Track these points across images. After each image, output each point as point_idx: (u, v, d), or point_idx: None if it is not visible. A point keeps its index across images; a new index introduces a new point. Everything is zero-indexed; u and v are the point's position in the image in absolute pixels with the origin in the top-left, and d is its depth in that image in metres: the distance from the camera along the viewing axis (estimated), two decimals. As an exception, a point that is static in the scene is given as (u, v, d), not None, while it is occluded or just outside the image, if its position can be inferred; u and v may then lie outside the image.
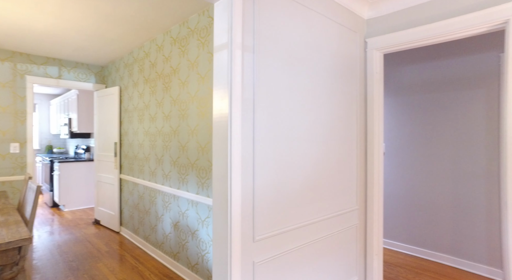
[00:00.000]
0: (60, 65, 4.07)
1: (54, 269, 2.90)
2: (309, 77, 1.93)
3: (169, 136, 3.02)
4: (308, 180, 1.93)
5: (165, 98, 3.08)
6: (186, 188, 2.79)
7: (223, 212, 1.56)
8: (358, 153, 2.34)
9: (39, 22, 2.82)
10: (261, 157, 1.66)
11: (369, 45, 2.33)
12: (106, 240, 3.72)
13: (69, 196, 5.14)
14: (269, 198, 1.71)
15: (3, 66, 3.65)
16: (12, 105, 3.71)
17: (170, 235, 3.01)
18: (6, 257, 1.65)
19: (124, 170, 3.91)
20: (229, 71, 1.53)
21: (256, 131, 1.64)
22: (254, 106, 1.64)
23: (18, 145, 3.73)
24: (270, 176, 1.71)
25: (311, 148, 1.94)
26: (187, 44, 2.76)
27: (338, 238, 2.16)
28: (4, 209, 2.29)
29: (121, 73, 3.98)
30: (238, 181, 1.56)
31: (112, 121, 4.03)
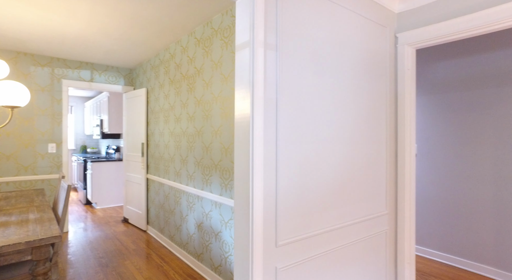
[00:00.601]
0: (92, 68, 4.24)
1: (86, 265, 3.01)
2: (335, 75, 1.84)
3: (193, 137, 3.04)
4: (333, 183, 1.84)
5: (190, 99, 3.10)
6: (209, 189, 2.78)
7: (244, 216, 1.52)
8: (388, 155, 2.20)
9: (72, 28, 2.94)
10: (284, 159, 1.60)
11: (400, 40, 2.19)
12: (134, 238, 3.82)
13: (100, 194, 5.36)
14: (292, 201, 1.64)
15: (43, 71, 3.87)
16: (50, 108, 3.91)
17: (194, 235, 3.02)
18: (40, 253, 1.71)
19: (151, 170, 4.00)
20: (251, 70, 1.48)
21: (279, 132, 1.58)
22: (277, 106, 1.58)
23: (55, 145, 3.93)
24: (293, 178, 1.65)
25: (336, 149, 1.85)
26: (211, 45, 2.76)
27: (366, 244, 2.04)
28: (40, 206, 2.40)
29: (148, 75, 4.08)
30: (260, 184, 1.51)
31: (139, 122, 4.14)
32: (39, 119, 3.84)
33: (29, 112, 3.78)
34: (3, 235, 1.72)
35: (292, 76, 1.64)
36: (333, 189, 1.84)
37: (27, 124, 3.77)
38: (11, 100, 2.22)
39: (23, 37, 3.20)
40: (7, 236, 1.71)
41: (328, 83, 1.81)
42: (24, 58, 3.75)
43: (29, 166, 3.78)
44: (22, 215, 2.14)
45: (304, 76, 1.70)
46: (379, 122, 2.14)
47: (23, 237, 1.69)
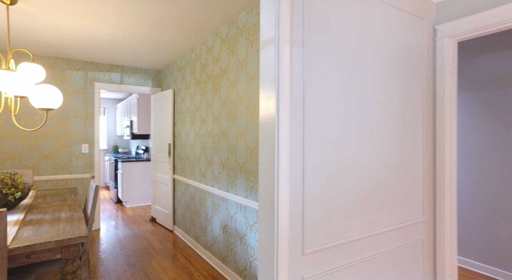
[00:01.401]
0: (122, 71, 4.37)
1: (115, 263, 3.08)
2: (366, 72, 1.72)
3: (218, 138, 3.02)
4: (364, 187, 1.71)
5: (215, 100, 3.08)
6: (234, 191, 2.74)
7: (269, 221, 1.44)
8: (425, 157, 2.03)
9: (101, 32, 3.02)
10: (311, 161, 1.51)
11: (439, 32, 2.01)
12: (160, 237, 3.87)
13: (130, 193, 5.52)
14: (320, 207, 1.54)
15: (77, 75, 4.04)
16: (83, 110, 4.08)
17: (219, 237, 2.99)
18: (68, 252, 1.75)
19: (177, 171, 4.04)
20: (276, 68, 1.41)
21: (306, 133, 1.49)
22: (304, 105, 1.50)
23: (87, 146, 4.09)
24: (321, 182, 1.55)
25: (368, 151, 1.72)
26: (236, 44, 2.71)
27: (400, 254, 1.89)
28: (72, 205, 2.48)
29: (175, 77, 4.13)
30: (286, 187, 1.43)
31: (166, 123, 4.20)
32: (73, 121, 4.01)
33: (65, 114, 3.96)
34: (37, 233, 1.77)
35: (320, 74, 1.54)
36: (363, 193, 1.71)
37: (63, 125, 3.95)
38: (46, 103, 2.30)
39: (59, 43, 3.35)
40: (40, 234, 1.76)
41: (358, 80, 1.69)
42: (61, 63, 3.94)
43: (65, 165, 3.95)
44: (55, 214, 2.21)
45: (333, 73, 1.59)
46: (415, 122, 1.98)
47: (53, 236, 1.73)
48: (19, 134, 3.70)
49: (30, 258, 1.67)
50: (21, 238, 1.70)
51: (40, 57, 3.82)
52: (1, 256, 1.51)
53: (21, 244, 1.61)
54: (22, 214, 2.21)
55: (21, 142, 3.71)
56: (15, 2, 2.41)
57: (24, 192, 2.34)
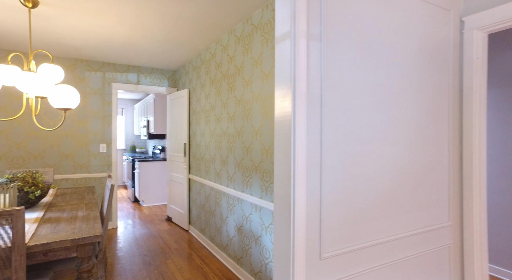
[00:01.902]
0: (139, 71, 4.42)
1: (131, 261, 3.10)
2: (387, 68, 1.63)
3: (233, 138, 2.98)
4: (385, 189, 1.62)
5: (230, 99, 3.05)
6: (249, 191, 2.69)
7: (285, 223, 1.39)
8: (451, 157, 1.91)
9: (119, 33, 3.06)
10: (329, 162, 1.44)
11: (467, 24, 1.89)
12: (176, 237, 3.88)
13: (147, 192, 5.59)
14: (338, 209, 1.47)
15: (95, 76, 4.12)
16: (101, 110, 4.15)
17: (234, 238, 2.96)
18: (84, 251, 1.75)
19: (193, 170, 4.04)
20: (292, 63, 1.35)
21: (323, 132, 1.42)
22: (321, 103, 1.43)
23: (105, 145, 4.16)
24: (339, 183, 1.48)
25: (389, 151, 1.63)
26: (251, 42, 2.67)
27: (424, 260, 1.78)
28: (89, 204, 2.51)
29: (190, 76, 4.13)
30: (302, 189, 1.37)
31: (182, 123, 4.22)
32: (92, 121, 4.09)
33: (84, 114, 4.04)
34: (54, 231, 1.79)
35: (338, 70, 1.47)
36: (385, 195, 1.62)
37: (82, 125, 4.03)
38: (65, 103, 2.34)
39: (79, 45, 3.42)
40: (57, 232, 1.78)
41: (379, 76, 1.60)
42: (80, 64, 4.02)
43: (84, 164, 4.04)
44: (72, 212, 2.24)
45: (352, 69, 1.52)
46: (440, 121, 1.87)
47: (69, 234, 1.74)
48: (42, 135, 3.81)
49: (47, 255, 1.69)
50: (39, 235, 1.72)
51: (61, 59, 3.92)
52: (19, 253, 1.53)
53: (38, 242, 1.63)
54: (42, 211, 2.24)
55: (44, 141, 3.82)
56: (36, 5, 2.46)
57: (44, 190, 2.38)
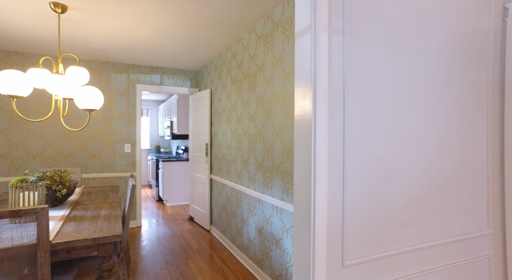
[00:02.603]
0: (162, 72, 4.50)
1: (153, 260, 3.14)
2: (418, 62, 1.51)
3: (254, 138, 2.94)
4: (415, 192, 1.50)
5: (251, 98, 3.01)
6: (270, 193, 2.63)
7: (305, 228, 1.31)
8: (490, 159, 1.75)
9: (142, 34, 3.11)
10: (352, 162, 1.35)
11: (511, 12, 1.72)
12: (198, 237, 3.90)
13: (170, 192, 5.68)
14: (362, 213, 1.38)
15: (121, 77, 4.23)
16: (126, 111, 4.26)
17: (255, 240, 2.91)
18: (104, 250, 1.77)
19: (214, 171, 4.04)
20: (312, 59, 1.28)
21: (347, 131, 1.34)
22: (344, 100, 1.34)
23: (130, 145, 4.27)
24: (364, 186, 1.38)
25: (419, 152, 1.51)
26: (272, 40, 2.61)
27: (459, 272, 1.64)
28: (112, 203, 2.56)
29: (212, 76, 4.14)
30: (323, 191, 1.29)
31: (204, 123, 4.23)
32: (117, 122, 4.21)
33: (110, 115, 4.17)
34: (77, 230, 1.83)
35: (363, 65, 1.38)
36: (414, 199, 1.50)
37: (108, 126, 4.16)
38: (89, 104, 2.40)
39: (105, 48, 3.52)
40: (79, 230, 1.81)
41: (409, 71, 1.49)
42: (107, 67, 4.15)
43: (110, 164, 4.16)
44: (96, 211, 2.29)
45: (378, 64, 1.42)
46: (478, 119, 1.71)
47: (91, 233, 1.76)
48: (72, 135, 3.96)
49: (70, 253, 1.72)
50: (63, 233, 1.76)
51: (89, 62, 4.06)
52: (44, 250, 1.57)
53: (62, 240, 1.66)
54: (68, 209, 2.31)
55: (73, 142, 3.97)
56: (65, 10, 2.55)
57: (70, 189, 2.46)
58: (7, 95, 2.19)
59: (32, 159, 3.79)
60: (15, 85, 2.16)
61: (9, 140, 3.70)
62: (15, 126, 3.72)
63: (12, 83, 2.15)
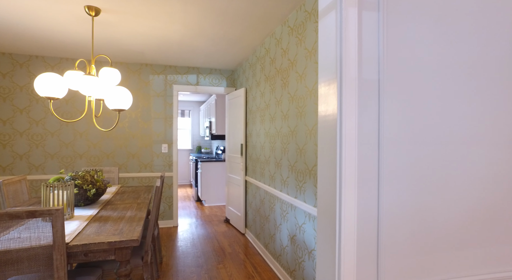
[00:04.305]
0: (198, 73, 4.49)
1: (184, 262, 3.09)
2: (480, 43, 1.18)
3: (287, 138, 2.73)
4: (475, 206, 1.18)
5: (283, 96, 2.80)
6: (303, 198, 2.40)
7: (328, 247, 1.09)
8: None
9: (172, 33, 3.08)
10: (390, 168, 1.09)
11: None
12: (231, 240, 3.79)
13: (208, 193, 5.68)
14: (403, 231, 1.10)
15: (158, 79, 4.31)
16: (163, 112, 4.32)
17: (287, 248, 2.69)
18: (121, 254, 1.72)
19: (249, 172, 3.90)
20: (338, 41, 1.04)
21: (382, 130, 1.08)
22: (379, 92, 1.09)
23: (167, 146, 4.32)
24: (405, 197, 1.11)
25: (481, 155, 1.18)
26: (304, 31, 2.38)
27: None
28: (141, 203, 2.54)
29: (247, 75, 4.01)
30: (351, 202, 1.05)
31: (239, 123, 4.12)
32: (155, 122, 4.29)
33: (148, 116, 4.26)
34: (97, 232, 1.80)
35: (403, 47, 1.11)
36: (474, 215, 1.18)
37: (146, 127, 4.26)
38: (118, 104, 2.40)
39: (141, 49, 3.58)
40: (99, 233, 1.78)
41: (466, 55, 1.17)
42: (145, 68, 4.25)
43: (148, 164, 4.25)
44: (122, 211, 2.27)
45: (425, 46, 1.13)
46: None
47: (109, 236, 1.72)
48: (113, 136, 4.13)
49: (88, 256, 1.69)
50: (83, 235, 1.74)
51: (128, 65, 4.19)
52: (60, 252, 1.54)
53: (79, 242, 1.63)
54: (97, 209, 2.33)
55: (114, 142, 4.13)
56: (98, 13, 2.60)
57: (101, 189, 2.49)
58: (44, 97, 2.27)
59: (79, 158, 4.01)
60: (51, 87, 2.23)
61: (60, 140, 3.96)
62: (65, 128, 3.97)
63: (48, 85, 2.22)
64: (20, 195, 2.78)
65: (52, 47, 3.57)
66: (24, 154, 3.85)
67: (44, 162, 3.91)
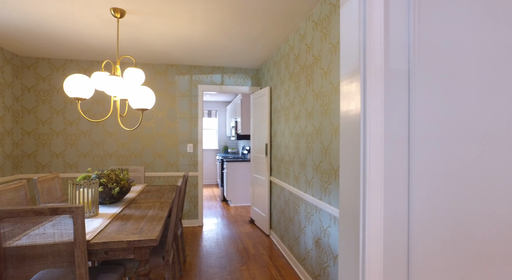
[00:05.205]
0: (223, 72, 4.48)
1: (207, 262, 3.07)
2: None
3: (311, 137, 2.61)
4: (532, 217, 1.01)
5: (308, 93, 2.69)
6: (328, 200, 2.28)
7: (351, 257, 0.98)
8: None
9: (195, 32, 3.08)
10: (422, 169, 0.96)
11: None
12: (255, 241, 3.72)
13: (234, 192, 5.67)
14: (438, 241, 0.97)
15: (183, 79, 4.36)
16: (188, 111, 4.36)
17: (312, 252, 2.58)
18: (140, 253, 1.71)
19: (273, 172, 3.81)
20: (361, 26, 0.94)
21: (413, 126, 0.96)
22: (409, 83, 0.96)
23: (192, 145, 4.35)
24: (441, 202, 0.97)
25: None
26: (329, 24, 2.26)
27: None
28: (164, 203, 2.55)
29: (271, 73, 3.93)
30: (376, 208, 0.94)
31: (263, 123, 4.05)
32: (180, 122, 4.34)
33: (173, 116, 4.32)
34: (118, 230, 1.81)
35: (440, 31, 0.97)
36: (530, 227, 1.01)
37: (172, 126, 4.32)
38: (141, 104, 2.42)
39: (166, 49, 3.63)
40: (120, 231, 1.79)
41: (517, 37, 1.00)
42: (171, 69, 4.32)
43: (173, 163, 4.31)
44: (145, 210, 2.29)
45: (465, 29, 0.98)
46: None
47: (128, 235, 1.71)
48: (141, 136, 4.23)
49: (108, 254, 1.69)
50: (104, 233, 1.75)
51: (155, 66, 4.28)
52: (81, 249, 1.56)
53: (100, 240, 1.64)
54: (121, 207, 2.37)
55: (142, 142, 4.23)
56: (123, 15, 2.65)
57: (125, 187, 2.53)
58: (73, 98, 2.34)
59: (109, 157, 4.15)
60: (79, 88, 2.29)
61: (91, 140, 4.12)
62: (95, 128, 4.13)
63: (76, 86, 2.28)
64: (53, 192, 2.91)
65: (83, 51, 3.72)
66: (60, 153, 4.05)
67: (77, 161, 4.09)
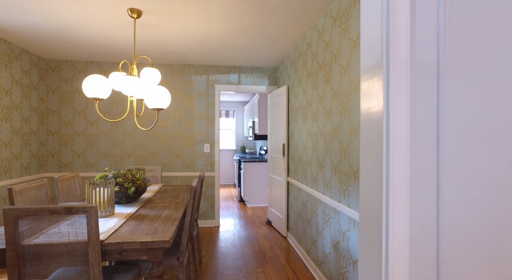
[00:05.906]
0: (240, 72, 4.44)
1: (223, 264, 3.04)
2: None
3: (330, 137, 2.52)
4: None
5: (326, 91, 2.59)
6: (347, 202, 2.18)
7: (372, 269, 0.90)
8: None
9: (212, 31, 3.05)
10: (454, 172, 0.86)
11: None
12: (272, 243, 3.65)
13: (251, 193, 5.62)
14: (474, 254, 0.87)
15: (200, 79, 4.36)
16: (205, 112, 4.35)
17: (330, 256, 2.48)
18: (153, 255, 1.69)
19: (291, 173, 3.73)
20: (384, 13, 0.85)
21: (442, 124, 0.86)
22: (439, 77, 0.87)
23: (209, 145, 4.34)
24: (476, 208, 0.87)
25: None
26: (348, 19, 2.16)
27: None
28: (179, 203, 2.54)
29: (289, 72, 3.85)
30: (401, 214, 0.85)
31: (281, 122, 3.97)
32: (197, 122, 4.34)
33: (190, 116, 4.32)
34: (132, 230, 1.80)
35: (474, 17, 0.87)
36: None
37: (189, 127, 4.32)
38: (157, 103, 2.41)
39: (183, 49, 3.63)
40: (134, 231, 1.78)
41: None
42: (188, 69, 4.33)
43: (190, 163, 4.31)
44: (160, 210, 2.28)
45: (504, 14, 0.88)
46: None
47: (142, 235, 1.70)
48: (158, 136, 4.27)
49: (122, 254, 1.68)
50: (118, 233, 1.75)
51: (172, 66, 4.30)
52: (94, 249, 1.55)
53: (113, 240, 1.63)
54: (137, 207, 2.37)
55: (159, 142, 4.27)
56: (140, 15, 2.66)
57: (141, 187, 2.53)
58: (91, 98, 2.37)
59: (127, 157, 4.22)
60: (96, 88, 2.31)
61: (111, 140, 4.20)
62: (115, 128, 4.20)
63: (94, 86, 2.31)
64: (73, 191, 2.97)
65: (102, 52, 3.79)
66: (82, 153, 4.15)
67: (97, 160, 4.18)
